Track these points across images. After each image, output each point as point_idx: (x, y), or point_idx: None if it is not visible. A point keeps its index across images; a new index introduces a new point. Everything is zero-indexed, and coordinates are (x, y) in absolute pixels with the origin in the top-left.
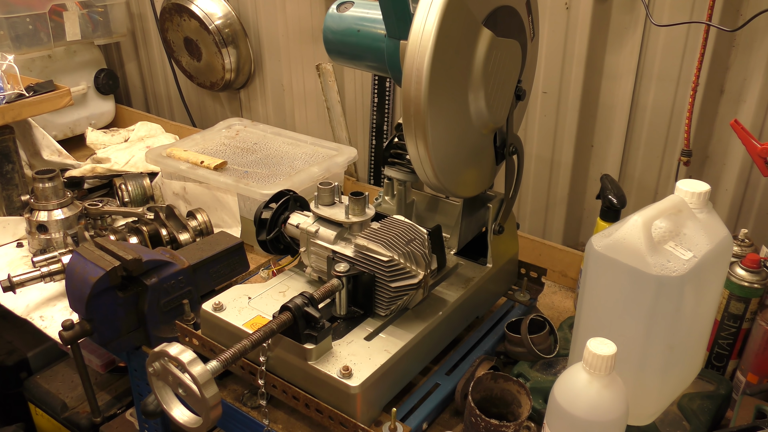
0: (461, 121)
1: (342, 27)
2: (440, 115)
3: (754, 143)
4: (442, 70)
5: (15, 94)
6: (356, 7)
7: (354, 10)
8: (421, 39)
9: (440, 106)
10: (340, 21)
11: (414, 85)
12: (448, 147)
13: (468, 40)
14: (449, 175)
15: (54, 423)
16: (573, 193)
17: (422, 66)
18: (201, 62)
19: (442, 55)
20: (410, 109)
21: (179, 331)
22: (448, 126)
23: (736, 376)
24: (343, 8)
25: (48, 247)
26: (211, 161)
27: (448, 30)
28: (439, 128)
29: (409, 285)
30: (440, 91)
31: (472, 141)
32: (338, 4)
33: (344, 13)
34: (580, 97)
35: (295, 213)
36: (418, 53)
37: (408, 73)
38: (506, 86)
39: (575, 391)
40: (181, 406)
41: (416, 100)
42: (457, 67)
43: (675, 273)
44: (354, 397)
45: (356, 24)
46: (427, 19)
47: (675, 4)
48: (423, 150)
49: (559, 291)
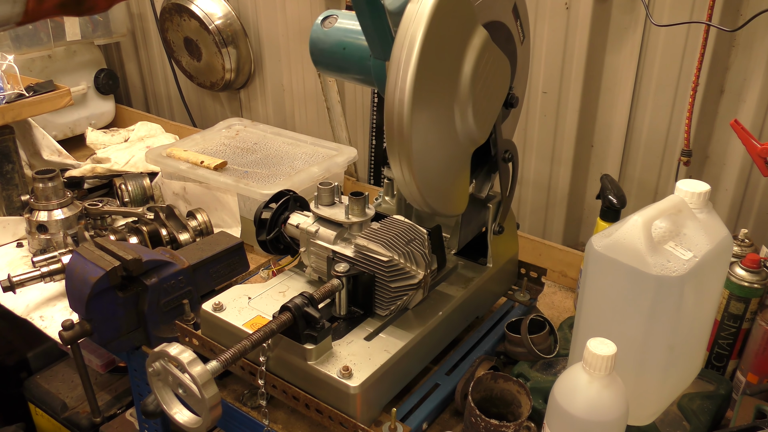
0: (448, 140)
1: (327, 44)
2: (425, 138)
3: (754, 143)
4: (425, 94)
5: (15, 94)
6: (342, 19)
7: (339, 24)
8: (402, 66)
9: (424, 129)
10: (325, 38)
11: (396, 112)
12: (434, 168)
13: (452, 62)
14: (437, 196)
15: (54, 423)
16: (573, 193)
17: (404, 96)
18: (201, 62)
19: (425, 81)
20: (393, 135)
21: (179, 331)
22: (434, 147)
23: (736, 376)
24: (327, 23)
25: (48, 247)
26: (211, 161)
27: (431, 53)
28: (424, 150)
29: (409, 285)
30: (424, 115)
31: (460, 158)
32: (322, 18)
33: (329, 29)
34: (580, 97)
35: (295, 213)
36: (399, 79)
37: (390, 100)
38: (496, 98)
39: (575, 391)
40: (181, 406)
41: (399, 126)
42: (442, 88)
43: (675, 273)
44: (354, 398)
45: (342, 41)
46: (406, 47)
47: (675, 4)
48: (408, 174)
49: (559, 291)
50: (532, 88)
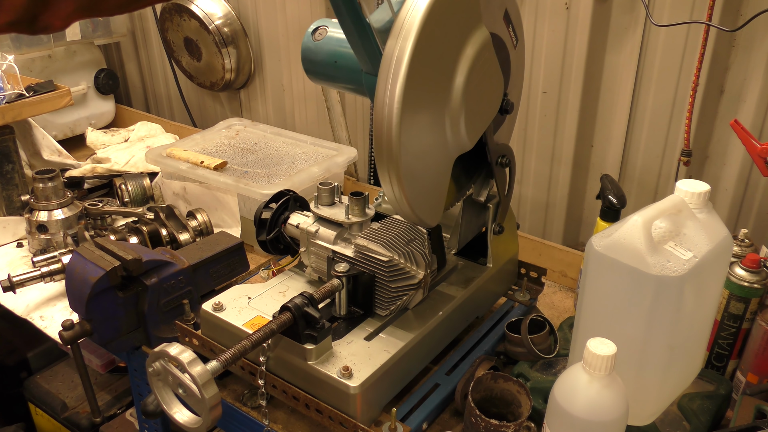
0: (438, 152)
1: (319, 57)
2: (415, 155)
3: (754, 143)
4: (414, 111)
5: (15, 94)
6: (333, 29)
7: (331, 35)
8: (389, 87)
9: (414, 146)
10: (316, 50)
11: (385, 132)
12: (424, 182)
13: (443, 75)
14: (427, 208)
15: (54, 423)
16: (573, 193)
17: (392, 116)
18: (201, 62)
19: (413, 99)
20: (382, 154)
21: (179, 331)
22: (424, 161)
23: (736, 376)
24: (317, 35)
25: (48, 247)
26: (211, 161)
27: (419, 69)
28: (414, 166)
29: (409, 285)
30: (414, 132)
31: (447, 167)
32: (313, 29)
33: (320, 41)
34: (580, 97)
35: (295, 213)
36: (387, 99)
37: (378, 120)
38: (490, 106)
39: (575, 391)
40: (181, 406)
41: (388, 146)
42: (432, 102)
43: (675, 273)
44: (354, 398)
45: (333, 54)
46: (393, 66)
47: (675, 4)
48: (399, 192)
49: (559, 291)
50: (532, 88)
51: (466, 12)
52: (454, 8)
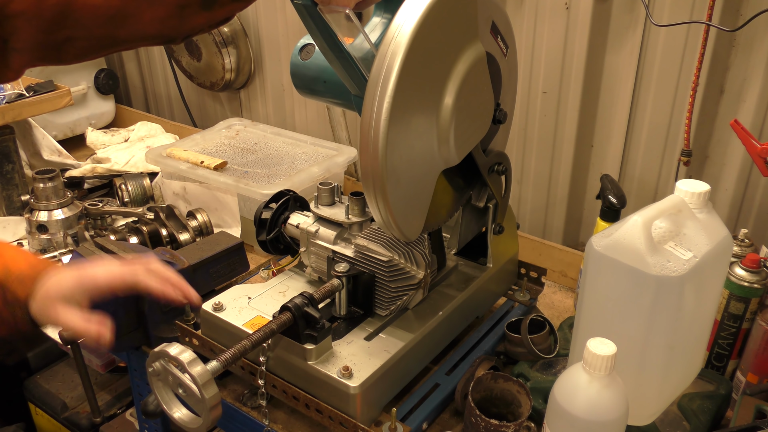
0: (425, 170)
1: (308, 75)
2: (402, 175)
3: (754, 143)
4: (401, 134)
5: (15, 94)
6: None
7: (318, 54)
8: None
9: (402, 167)
10: (305, 69)
11: (371, 157)
12: (410, 199)
13: (431, 97)
14: (412, 223)
15: (54, 423)
16: (573, 193)
17: (378, 140)
18: (201, 62)
19: (401, 122)
20: (368, 178)
21: (179, 331)
22: (411, 180)
23: (736, 376)
24: (305, 53)
25: (48, 247)
26: (211, 161)
27: (406, 92)
28: (401, 186)
29: (409, 285)
30: (401, 153)
31: (432, 181)
32: (300, 48)
33: (308, 61)
34: (580, 97)
35: (295, 213)
36: (373, 125)
37: (365, 143)
38: (481, 119)
39: (575, 391)
40: (181, 406)
41: (374, 171)
42: (420, 124)
43: (675, 273)
44: (354, 397)
45: (321, 73)
46: (378, 91)
47: (675, 4)
48: (386, 214)
49: (559, 291)
50: (532, 88)
51: (460, 27)
52: (446, 25)
